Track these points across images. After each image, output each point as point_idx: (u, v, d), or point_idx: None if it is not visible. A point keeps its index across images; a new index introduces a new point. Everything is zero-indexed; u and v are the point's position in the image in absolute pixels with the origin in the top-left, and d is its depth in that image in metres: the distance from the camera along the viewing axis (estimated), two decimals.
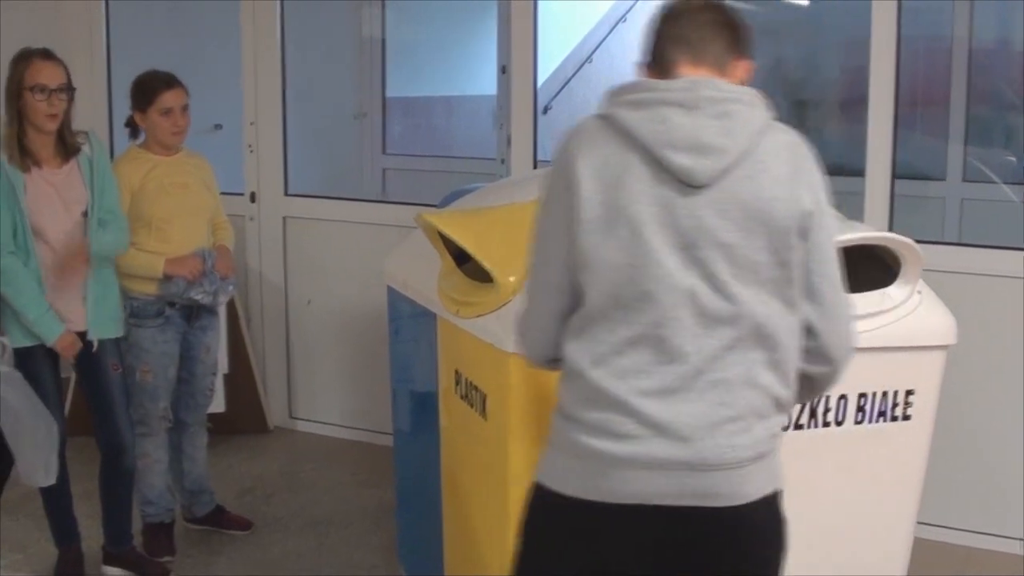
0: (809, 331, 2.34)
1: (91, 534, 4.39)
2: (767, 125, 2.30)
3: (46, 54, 4.04)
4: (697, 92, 2.26)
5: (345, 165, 7.84)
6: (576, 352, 2.30)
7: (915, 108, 6.29)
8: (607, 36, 11.44)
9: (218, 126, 6.61)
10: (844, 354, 2.40)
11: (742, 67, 2.37)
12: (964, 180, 6.52)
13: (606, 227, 2.24)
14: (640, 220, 2.22)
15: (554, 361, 2.41)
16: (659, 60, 2.36)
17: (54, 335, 4.01)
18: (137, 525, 4.49)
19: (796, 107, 7.92)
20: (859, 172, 4.76)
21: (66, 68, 4.07)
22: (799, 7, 8.33)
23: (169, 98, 4.37)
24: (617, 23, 11.68)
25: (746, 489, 2.28)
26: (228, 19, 6.07)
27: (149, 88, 4.39)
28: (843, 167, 6.32)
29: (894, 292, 3.17)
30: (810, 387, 2.43)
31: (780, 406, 2.33)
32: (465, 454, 3.50)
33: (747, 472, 2.27)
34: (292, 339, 6.03)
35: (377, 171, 7.88)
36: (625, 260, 2.23)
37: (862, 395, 3.13)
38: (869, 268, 3.19)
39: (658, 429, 2.23)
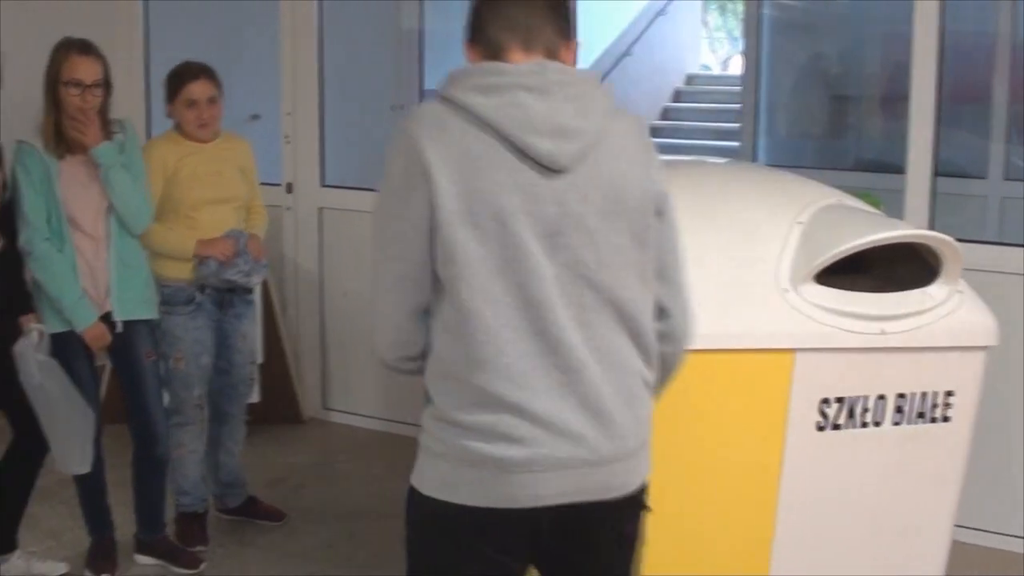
0: (661, 311, 2.31)
1: (124, 522, 4.40)
2: (613, 107, 2.26)
3: (85, 48, 4.03)
4: (547, 76, 2.20)
5: (382, 157, 7.80)
6: (452, 353, 2.21)
7: (957, 105, 6.23)
8: (646, 29, 11.42)
9: (256, 116, 6.62)
10: (689, 333, 2.40)
11: (571, 50, 2.32)
12: (1006, 179, 6.46)
13: (470, 219, 2.14)
14: (506, 210, 2.14)
15: (411, 360, 2.32)
16: (486, 43, 2.28)
17: (86, 323, 4.03)
18: (170, 514, 4.51)
19: (836, 103, 7.87)
20: (900, 169, 4.71)
21: (104, 62, 4.06)
22: (839, 2, 8.27)
23: (194, 90, 4.36)
24: (656, 16, 11.67)
25: (632, 478, 2.27)
26: (267, 9, 6.08)
27: (177, 79, 4.39)
28: (883, 164, 6.29)
29: (934, 291, 3.13)
30: (662, 369, 2.37)
31: (649, 390, 2.30)
32: None
33: (635, 462, 2.26)
34: (327, 330, 6.03)
35: None
36: (494, 252, 2.15)
37: (901, 396, 3.09)
38: (909, 267, 3.15)
39: (552, 429, 2.17)
